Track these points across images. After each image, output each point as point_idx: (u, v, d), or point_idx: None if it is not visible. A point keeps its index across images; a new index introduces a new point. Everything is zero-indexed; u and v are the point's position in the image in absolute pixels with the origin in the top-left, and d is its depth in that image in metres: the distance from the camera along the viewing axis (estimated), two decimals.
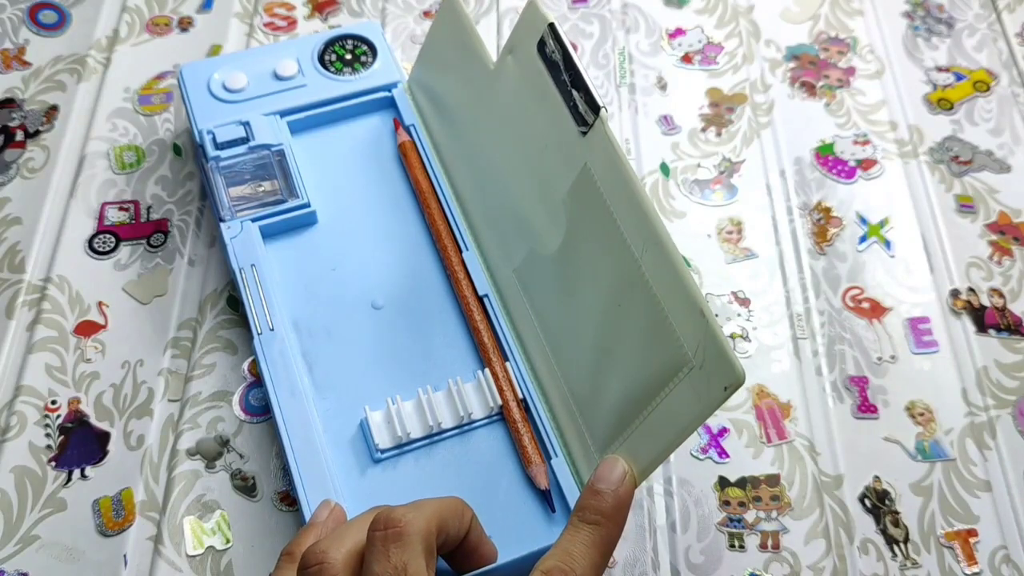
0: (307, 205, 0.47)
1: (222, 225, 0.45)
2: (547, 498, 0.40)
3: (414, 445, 0.41)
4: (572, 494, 0.39)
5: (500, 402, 0.42)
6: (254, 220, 0.46)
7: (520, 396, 0.42)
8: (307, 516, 0.38)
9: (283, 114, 0.49)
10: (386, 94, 0.51)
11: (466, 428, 0.42)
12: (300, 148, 0.49)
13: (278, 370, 0.42)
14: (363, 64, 0.51)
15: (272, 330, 0.42)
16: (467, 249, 0.46)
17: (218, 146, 0.47)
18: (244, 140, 0.47)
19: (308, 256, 0.46)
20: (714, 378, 0.32)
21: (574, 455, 0.40)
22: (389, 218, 0.48)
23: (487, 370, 0.42)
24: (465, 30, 0.46)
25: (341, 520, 0.37)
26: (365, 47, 0.52)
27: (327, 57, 0.51)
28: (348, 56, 0.51)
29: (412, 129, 0.50)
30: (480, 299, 0.44)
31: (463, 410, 0.41)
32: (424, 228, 0.47)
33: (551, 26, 0.40)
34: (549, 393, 0.42)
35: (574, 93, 0.39)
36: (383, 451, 0.41)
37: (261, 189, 0.46)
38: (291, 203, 0.46)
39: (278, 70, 0.50)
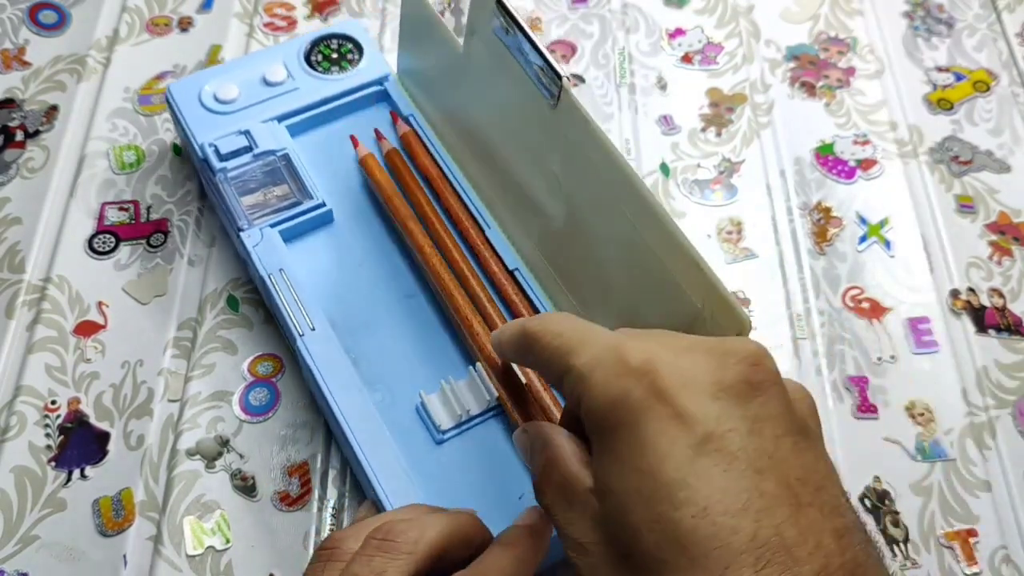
0: (322, 204, 0.47)
1: (242, 235, 0.45)
2: None
3: (474, 421, 0.41)
4: None
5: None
6: (272, 226, 0.46)
7: None
8: (387, 507, 0.38)
9: (280, 118, 0.49)
10: (379, 87, 0.51)
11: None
12: (302, 149, 0.49)
13: (328, 368, 0.41)
14: (350, 62, 0.51)
15: (314, 330, 0.42)
16: (489, 227, 0.46)
17: (222, 157, 0.47)
18: (247, 149, 0.47)
19: (331, 254, 0.47)
20: (724, 329, 0.33)
21: None
22: None
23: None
24: (428, 18, 0.46)
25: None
26: (350, 44, 0.52)
27: (313, 58, 0.51)
28: (334, 55, 0.51)
29: (412, 119, 0.50)
30: (511, 273, 0.45)
31: None
32: (445, 216, 0.47)
33: (499, 3, 0.39)
34: None
35: (535, 67, 0.39)
36: (444, 431, 0.41)
37: (273, 195, 0.46)
38: (306, 204, 0.46)
39: (267, 76, 0.50)
